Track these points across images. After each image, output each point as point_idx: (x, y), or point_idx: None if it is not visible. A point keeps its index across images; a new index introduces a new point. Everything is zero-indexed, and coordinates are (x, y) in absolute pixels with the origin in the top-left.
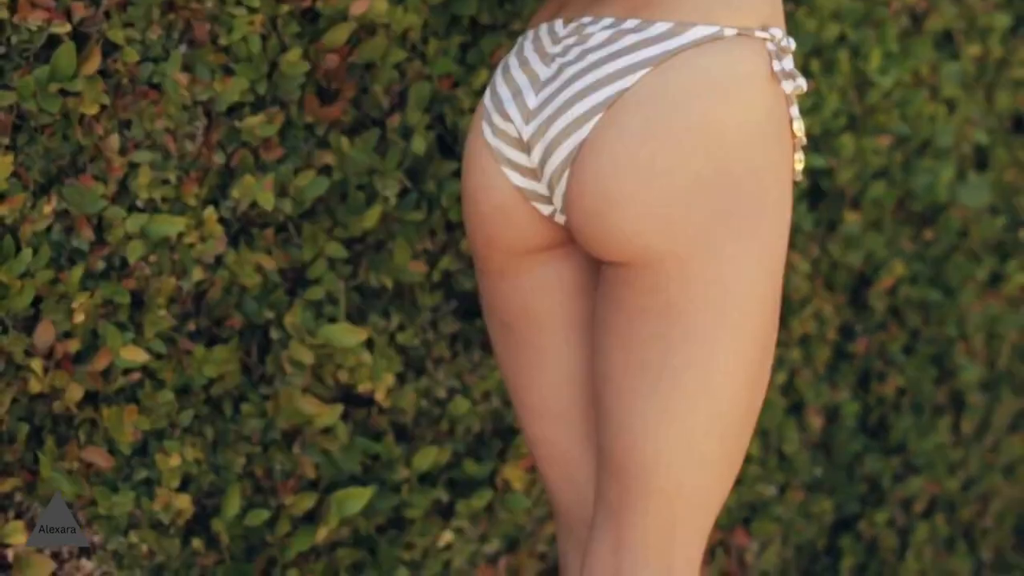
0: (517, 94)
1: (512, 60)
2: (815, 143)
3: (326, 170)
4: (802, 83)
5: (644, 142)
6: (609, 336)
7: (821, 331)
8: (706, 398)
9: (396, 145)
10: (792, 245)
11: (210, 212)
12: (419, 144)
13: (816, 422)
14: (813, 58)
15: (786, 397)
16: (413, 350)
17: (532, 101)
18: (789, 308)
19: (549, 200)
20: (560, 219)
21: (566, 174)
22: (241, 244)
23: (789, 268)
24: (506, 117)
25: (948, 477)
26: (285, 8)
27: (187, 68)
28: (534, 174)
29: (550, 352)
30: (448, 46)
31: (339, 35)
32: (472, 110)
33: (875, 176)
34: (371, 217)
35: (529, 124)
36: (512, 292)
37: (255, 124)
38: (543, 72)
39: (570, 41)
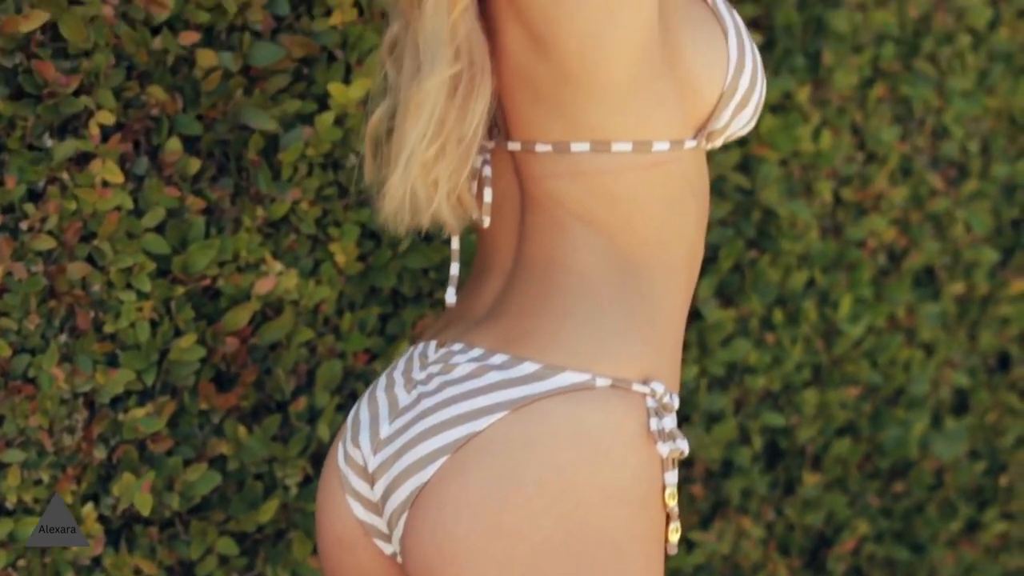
0: (374, 420)
1: (382, 380)
2: (774, 400)
3: (221, 460)
4: (683, 446)
5: (488, 496)
6: None
7: None
8: None
9: (300, 431)
10: (745, 510)
11: (88, 509)
12: (324, 430)
13: None
14: (776, 308)
15: None
16: None
17: (385, 430)
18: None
19: (390, 539)
20: (401, 561)
21: (404, 517)
22: (122, 543)
23: (740, 535)
24: (356, 444)
25: None
26: (180, 290)
27: (67, 359)
28: (377, 509)
29: None
30: (367, 316)
31: (240, 317)
32: None
33: (839, 432)
34: (268, 511)
35: (376, 455)
36: None
37: (139, 418)
38: (403, 399)
39: (435, 369)
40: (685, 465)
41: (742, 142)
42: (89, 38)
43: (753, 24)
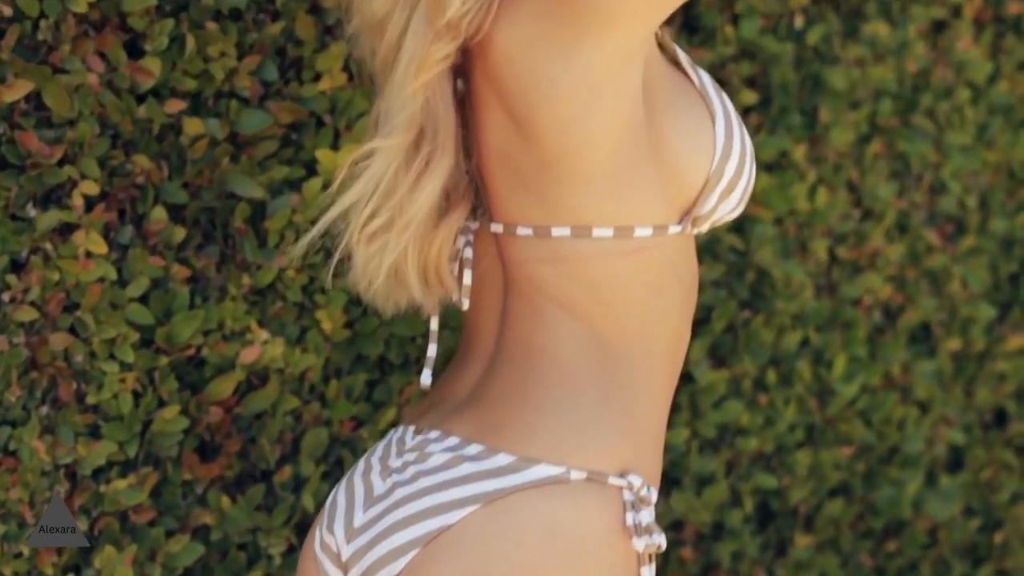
0: (350, 507)
1: (360, 464)
2: (767, 461)
3: (204, 530)
4: (659, 540)
5: None
6: None
7: None
8: None
9: (284, 501)
10: (736, 573)
11: None
12: (309, 500)
13: None
14: (770, 369)
15: None
16: None
17: (359, 518)
18: None
19: None
20: None
21: None
22: None
23: None
24: (331, 531)
25: None
26: (164, 360)
27: (48, 430)
28: None
29: None
30: (353, 382)
31: (224, 387)
32: None
33: (832, 492)
34: None
35: (350, 544)
36: None
37: (121, 489)
38: (378, 487)
39: (411, 457)
40: (675, 528)
41: None
42: (73, 107)
43: (749, 82)
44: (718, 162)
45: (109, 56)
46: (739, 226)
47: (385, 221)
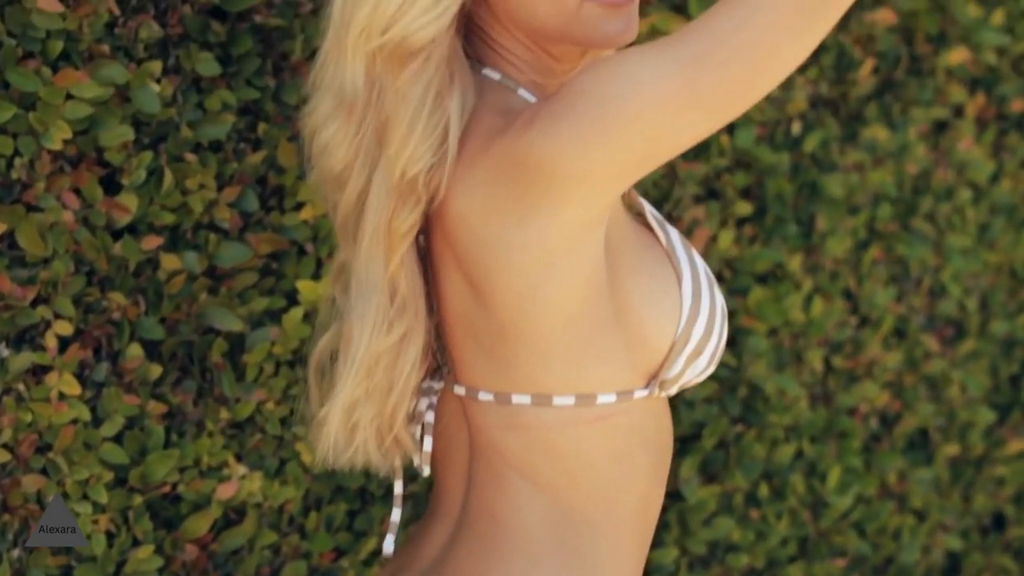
0: None
1: None
2: None
3: None
4: None
5: None
6: None
7: None
8: None
9: None
10: None
11: None
12: None
13: None
14: (762, 483)
15: None
16: None
17: None
18: None
19: None
20: None
21: None
22: None
23: None
24: None
25: None
26: (138, 500)
27: (20, 573)
28: None
29: None
30: (334, 512)
31: (200, 524)
32: None
33: None
34: None
35: None
36: None
37: None
38: None
39: None
40: None
41: (730, 315)
42: (48, 246)
43: (744, 193)
44: (684, 325)
45: (84, 193)
46: (732, 340)
47: (363, 393)
